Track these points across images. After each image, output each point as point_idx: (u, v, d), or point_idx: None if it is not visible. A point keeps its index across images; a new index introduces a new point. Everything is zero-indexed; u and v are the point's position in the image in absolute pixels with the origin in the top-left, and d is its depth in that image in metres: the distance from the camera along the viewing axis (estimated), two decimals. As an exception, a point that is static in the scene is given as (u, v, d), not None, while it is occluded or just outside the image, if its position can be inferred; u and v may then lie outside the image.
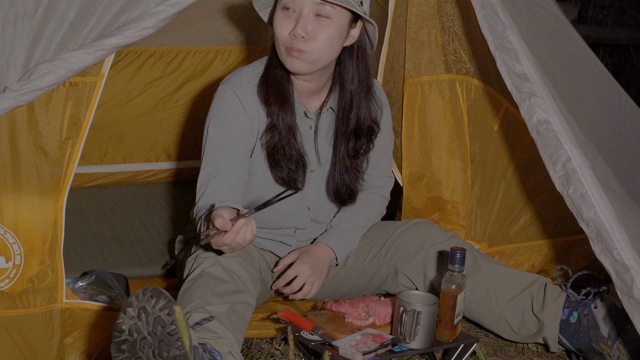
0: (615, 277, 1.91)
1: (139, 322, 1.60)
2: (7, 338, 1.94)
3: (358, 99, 2.20)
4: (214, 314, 1.83)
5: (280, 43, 2.07)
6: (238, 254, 2.03)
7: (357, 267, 2.32)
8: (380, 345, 1.93)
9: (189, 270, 2.02)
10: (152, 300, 1.59)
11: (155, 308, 1.59)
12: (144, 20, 1.90)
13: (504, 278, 2.19)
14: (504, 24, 2.11)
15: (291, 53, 2.05)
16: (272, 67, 2.15)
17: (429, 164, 2.47)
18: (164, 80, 3.43)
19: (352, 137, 2.22)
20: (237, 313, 1.90)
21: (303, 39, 2.03)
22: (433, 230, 2.28)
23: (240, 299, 1.94)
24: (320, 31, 2.04)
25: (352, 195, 2.29)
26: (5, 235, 1.92)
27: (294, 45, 2.04)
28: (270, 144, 2.16)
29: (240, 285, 1.97)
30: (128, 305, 1.61)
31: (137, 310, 1.60)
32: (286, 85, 2.15)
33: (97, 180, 3.40)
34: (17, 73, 1.88)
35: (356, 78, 2.18)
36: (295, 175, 2.19)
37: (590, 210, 1.95)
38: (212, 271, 1.96)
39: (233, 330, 1.85)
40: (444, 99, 2.44)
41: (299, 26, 2.02)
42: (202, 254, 2.02)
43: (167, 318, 1.59)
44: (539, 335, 2.14)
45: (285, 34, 2.05)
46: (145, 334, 1.59)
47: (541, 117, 2.04)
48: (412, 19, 2.40)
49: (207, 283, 1.93)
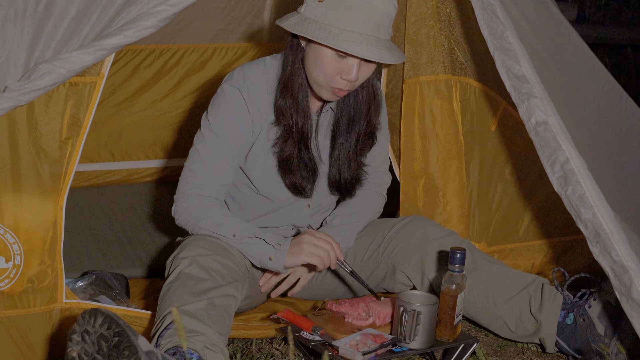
0: (613, 278, 1.91)
1: (85, 344, 1.64)
2: (7, 338, 1.94)
3: (367, 103, 2.22)
4: (191, 312, 1.83)
5: (324, 80, 2.05)
6: (214, 251, 2.02)
7: (355, 265, 2.32)
8: (380, 345, 1.94)
9: (168, 273, 2.02)
10: (91, 320, 1.63)
11: (95, 326, 1.63)
12: (144, 20, 1.90)
13: (502, 277, 2.19)
14: (504, 25, 2.12)
15: (336, 93, 2.07)
16: (295, 76, 2.12)
17: (427, 164, 2.47)
18: (162, 78, 3.43)
19: (363, 137, 2.24)
20: (217, 306, 1.89)
21: (355, 81, 2.05)
22: (431, 226, 2.28)
23: (219, 293, 1.92)
24: (368, 70, 2.07)
25: (354, 186, 2.30)
26: (5, 235, 1.92)
27: (345, 87, 2.05)
28: (285, 152, 2.16)
29: (219, 280, 1.96)
30: (72, 332, 1.65)
31: (81, 335, 1.64)
32: (307, 95, 2.15)
33: (97, 178, 3.40)
34: (17, 72, 1.88)
35: (366, 83, 2.20)
36: (306, 183, 2.20)
37: (589, 211, 1.95)
38: (190, 271, 1.95)
39: (212, 324, 1.84)
40: (442, 99, 2.44)
41: (353, 73, 2.02)
42: (179, 254, 2.02)
43: (108, 332, 1.62)
44: (536, 335, 2.15)
45: (335, 75, 2.04)
46: (95, 354, 1.63)
47: (540, 118, 2.04)
48: (411, 19, 2.41)
49: (184, 284, 1.92)
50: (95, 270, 2.33)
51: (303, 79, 2.12)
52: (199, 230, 2.13)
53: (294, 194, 2.23)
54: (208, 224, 2.11)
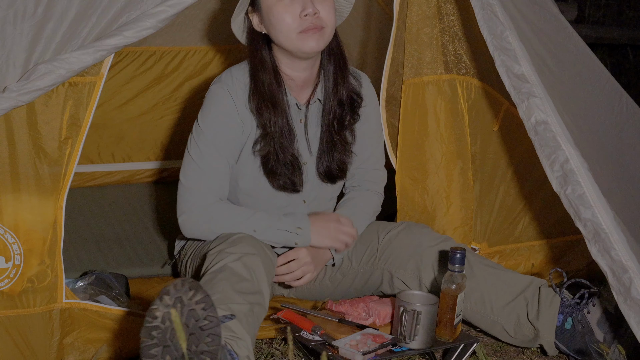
0: (611, 278, 1.91)
1: (173, 311, 1.58)
2: (7, 338, 1.94)
3: (336, 75, 2.24)
4: (235, 312, 1.83)
5: (291, 29, 2.10)
6: (258, 251, 2.03)
7: (352, 268, 2.32)
8: (380, 345, 1.93)
9: (210, 263, 2.00)
10: (189, 292, 1.59)
11: (192, 300, 1.58)
12: (144, 20, 1.90)
13: (498, 282, 2.18)
14: (503, 25, 2.12)
15: (309, 32, 2.10)
16: (258, 74, 2.17)
17: (428, 165, 2.46)
18: (163, 80, 3.44)
19: (337, 108, 2.25)
20: (255, 314, 1.90)
21: (315, 15, 2.08)
22: (425, 234, 2.27)
23: (257, 300, 1.93)
24: (324, 5, 2.11)
25: (343, 170, 2.31)
26: (5, 235, 1.92)
27: (311, 24, 2.09)
28: (263, 152, 2.18)
29: (257, 286, 1.96)
30: (165, 293, 1.59)
31: (174, 300, 1.58)
32: (276, 89, 2.17)
33: (97, 180, 3.41)
34: (16, 73, 1.88)
35: (332, 55, 2.23)
36: (293, 179, 2.21)
37: (588, 211, 1.95)
38: (235, 267, 1.95)
39: (250, 332, 1.85)
40: (445, 99, 2.44)
41: (308, 5, 2.07)
42: (227, 248, 2.01)
43: (202, 312, 1.58)
44: (536, 341, 2.14)
45: (295, 20, 2.08)
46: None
47: (539, 117, 2.04)
48: (412, 19, 2.40)
49: (229, 279, 1.91)
50: (95, 270, 2.33)
51: (270, 71, 2.16)
52: (214, 236, 2.14)
53: (284, 192, 2.23)
54: (224, 227, 2.13)
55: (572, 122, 2.13)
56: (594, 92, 2.46)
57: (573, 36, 2.46)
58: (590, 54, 2.51)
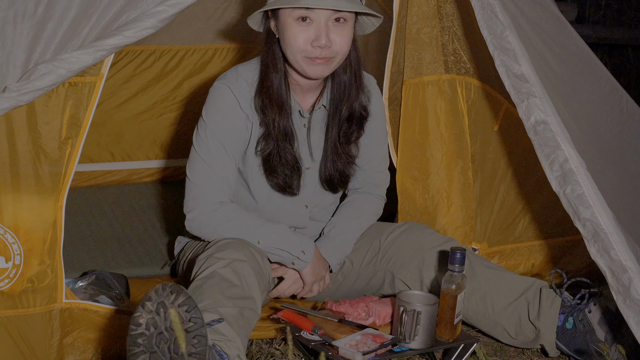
0: (611, 278, 1.91)
1: (157, 317, 1.59)
2: (7, 338, 1.94)
3: (349, 88, 2.22)
4: (224, 316, 1.83)
5: (298, 52, 2.08)
6: (249, 258, 2.02)
7: (353, 270, 2.32)
8: (380, 345, 1.93)
9: (199, 269, 2.00)
10: (171, 296, 1.59)
11: (174, 303, 1.59)
12: (144, 20, 1.90)
13: (500, 283, 2.18)
14: (503, 25, 2.12)
15: (316, 62, 2.08)
16: (269, 74, 2.15)
17: (429, 165, 2.46)
18: (163, 79, 3.44)
19: (345, 124, 2.24)
20: (245, 318, 1.90)
21: (327, 47, 2.06)
22: (427, 235, 2.27)
23: (248, 305, 1.93)
24: (340, 35, 2.08)
25: (345, 181, 2.31)
26: (5, 235, 1.92)
27: (320, 54, 2.06)
28: (265, 151, 2.18)
29: (247, 291, 1.96)
30: (147, 299, 1.59)
31: (156, 305, 1.59)
32: (284, 91, 2.16)
33: (97, 179, 3.41)
34: (16, 73, 1.88)
35: (348, 68, 2.20)
36: (290, 181, 2.21)
37: (588, 211, 1.95)
38: (224, 273, 1.95)
39: (240, 334, 1.84)
40: (445, 98, 2.44)
41: (322, 37, 2.04)
42: (216, 253, 2.01)
43: (186, 315, 1.58)
44: (537, 342, 2.14)
45: (306, 45, 2.06)
46: (162, 329, 1.58)
47: (539, 117, 2.04)
48: (412, 19, 2.40)
49: (219, 284, 1.91)
50: (95, 270, 2.33)
51: (281, 74, 2.14)
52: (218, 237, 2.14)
53: (281, 193, 2.23)
54: (231, 232, 2.13)
55: (573, 122, 2.13)
56: (595, 92, 2.46)
57: (574, 36, 2.46)
58: (591, 54, 2.51)
